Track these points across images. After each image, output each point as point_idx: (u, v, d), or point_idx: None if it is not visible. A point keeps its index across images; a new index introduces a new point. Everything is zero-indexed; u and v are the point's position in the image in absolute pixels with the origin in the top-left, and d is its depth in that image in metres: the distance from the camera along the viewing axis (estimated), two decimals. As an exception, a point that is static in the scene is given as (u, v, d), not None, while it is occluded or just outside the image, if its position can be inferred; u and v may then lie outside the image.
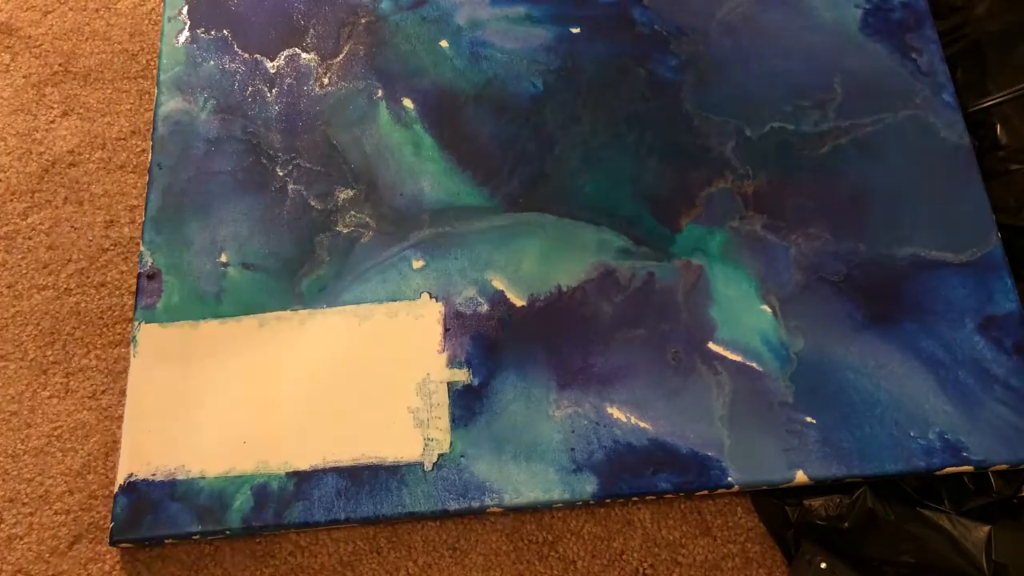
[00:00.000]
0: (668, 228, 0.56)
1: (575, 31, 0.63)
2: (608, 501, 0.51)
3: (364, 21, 0.63)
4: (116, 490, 0.51)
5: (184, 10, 0.64)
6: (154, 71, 0.64)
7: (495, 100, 0.60)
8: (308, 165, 0.59)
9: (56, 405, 0.55)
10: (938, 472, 0.50)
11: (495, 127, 0.60)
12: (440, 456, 0.51)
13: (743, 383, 0.52)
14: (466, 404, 0.52)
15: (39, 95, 0.63)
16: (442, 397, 0.52)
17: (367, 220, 0.57)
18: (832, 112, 0.59)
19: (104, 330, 0.57)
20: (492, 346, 0.53)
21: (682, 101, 0.60)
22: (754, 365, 0.52)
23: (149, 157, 0.60)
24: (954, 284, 0.54)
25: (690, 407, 0.51)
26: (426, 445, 0.51)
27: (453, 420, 0.51)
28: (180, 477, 0.50)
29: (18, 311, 0.57)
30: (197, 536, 0.50)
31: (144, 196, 0.59)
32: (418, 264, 0.56)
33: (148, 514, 0.50)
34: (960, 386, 0.52)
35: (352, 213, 0.57)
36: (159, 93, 0.61)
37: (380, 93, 0.61)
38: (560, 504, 0.50)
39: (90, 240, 0.59)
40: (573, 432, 0.51)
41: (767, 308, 0.54)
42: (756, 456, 0.50)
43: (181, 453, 0.51)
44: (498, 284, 0.55)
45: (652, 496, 0.50)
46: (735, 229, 0.56)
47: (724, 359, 0.53)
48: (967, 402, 0.51)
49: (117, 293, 0.58)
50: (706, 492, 0.50)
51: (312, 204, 0.58)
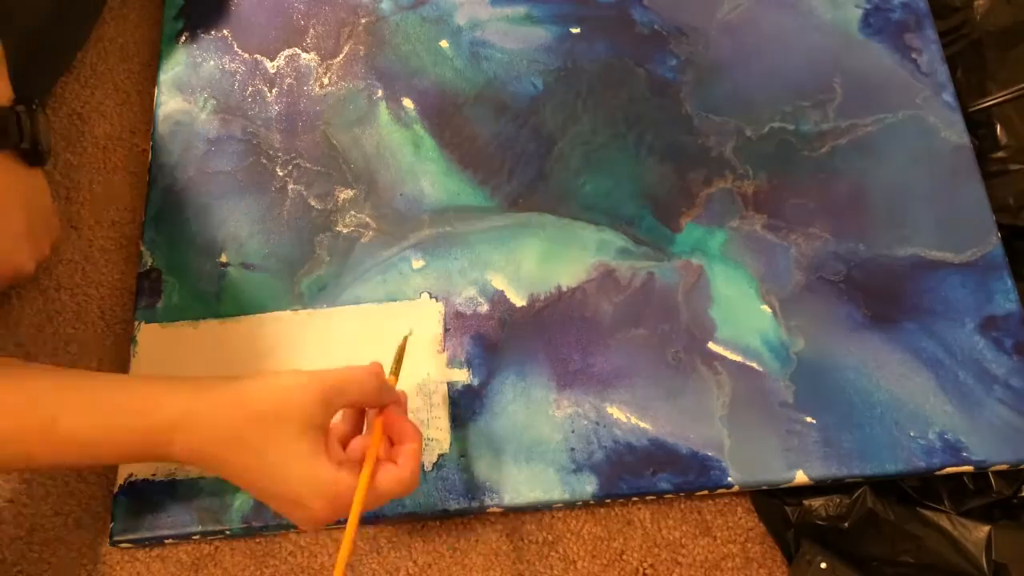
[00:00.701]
0: (668, 228, 0.56)
1: (575, 31, 0.63)
2: (608, 501, 0.51)
3: (364, 21, 0.63)
4: (116, 490, 0.51)
5: (184, 10, 0.64)
6: (154, 71, 0.64)
7: (495, 100, 0.61)
8: (308, 165, 0.59)
9: (56, 405, 0.55)
10: (938, 472, 0.50)
11: (495, 127, 0.60)
12: (440, 456, 0.51)
13: (743, 383, 0.52)
14: (466, 404, 0.52)
15: (39, 95, 0.63)
16: (442, 397, 0.52)
17: (367, 220, 0.57)
18: (832, 112, 0.59)
19: (104, 330, 0.57)
20: (492, 346, 0.53)
21: (682, 101, 0.60)
22: (754, 365, 0.52)
23: (149, 157, 0.60)
24: (954, 284, 0.54)
25: (690, 407, 0.51)
26: (426, 445, 0.51)
27: (453, 420, 0.51)
28: (180, 477, 0.50)
29: (18, 311, 0.57)
30: (197, 536, 0.50)
31: (144, 196, 0.59)
32: (418, 264, 0.56)
33: (148, 514, 0.50)
34: (960, 386, 0.52)
35: (352, 213, 0.57)
36: (159, 93, 0.61)
37: (380, 93, 0.61)
38: (560, 504, 0.50)
39: (90, 240, 0.59)
40: (573, 432, 0.51)
41: (767, 308, 0.54)
42: (756, 456, 0.50)
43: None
44: (498, 284, 0.55)
45: (652, 496, 0.50)
46: (735, 229, 0.56)
47: (724, 359, 0.53)
48: (967, 402, 0.51)
49: (117, 293, 0.58)
50: (706, 492, 0.50)
51: (312, 204, 0.58)
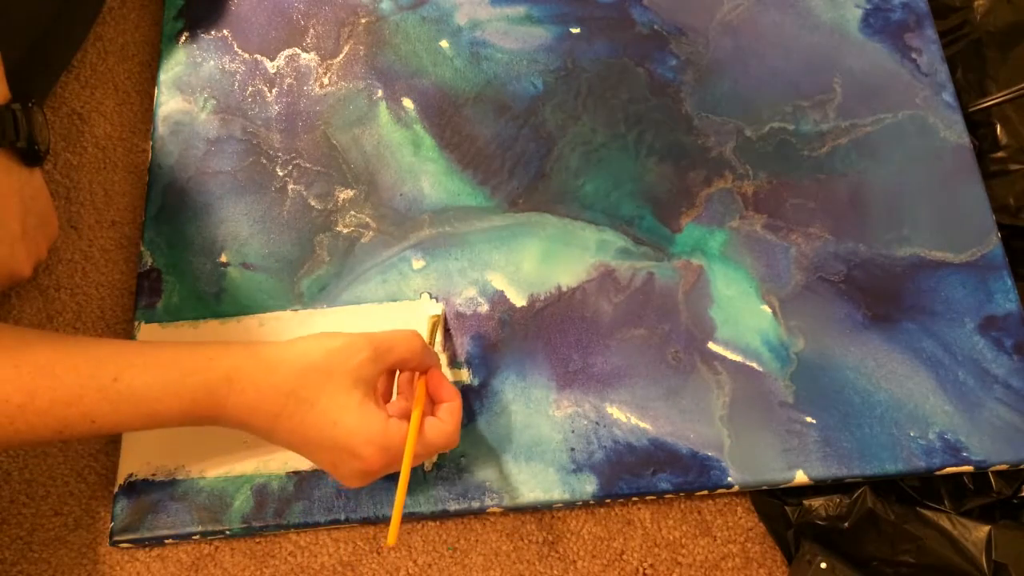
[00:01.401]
0: (668, 228, 0.56)
1: (575, 31, 0.63)
2: (608, 501, 0.51)
3: (364, 21, 0.63)
4: (116, 490, 0.51)
5: (184, 10, 0.64)
6: (154, 71, 0.64)
7: (495, 100, 0.61)
8: (308, 165, 0.59)
9: (56, 405, 0.55)
10: (938, 472, 0.50)
11: (495, 127, 0.60)
12: (440, 456, 0.51)
13: (743, 383, 0.52)
14: (466, 404, 0.52)
15: (39, 95, 0.63)
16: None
17: (367, 220, 0.57)
18: (832, 112, 0.59)
19: (104, 330, 0.57)
20: (492, 346, 0.53)
21: (682, 101, 0.60)
22: (754, 365, 0.52)
23: (149, 157, 0.60)
24: (954, 284, 0.54)
25: (690, 407, 0.51)
26: (426, 445, 0.50)
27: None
28: (180, 477, 0.50)
29: (18, 311, 0.57)
30: (197, 536, 0.50)
31: (144, 196, 0.59)
32: (418, 264, 0.56)
33: (148, 514, 0.50)
34: (960, 386, 0.52)
35: (352, 213, 0.57)
36: (159, 93, 0.61)
37: (380, 93, 0.61)
38: (560, 504, 0.50)
39: (90, 240, 0.59)
40: (573, 432, 0.51)
41: (767, 308, 0.54)
42: (756, 456, 0.50)
43: (181, 453, 0.51)
44: (498, 284, 0.55)
45: (652, 496, 0.50)
46: (735, 229, 0.56)
47: (724, 359, 0.53)
48: (967, 402, 0.51)
49: (117, 293, 0.58)
50: (706, 492, 0.50)
51: (312, 204, 0.58)
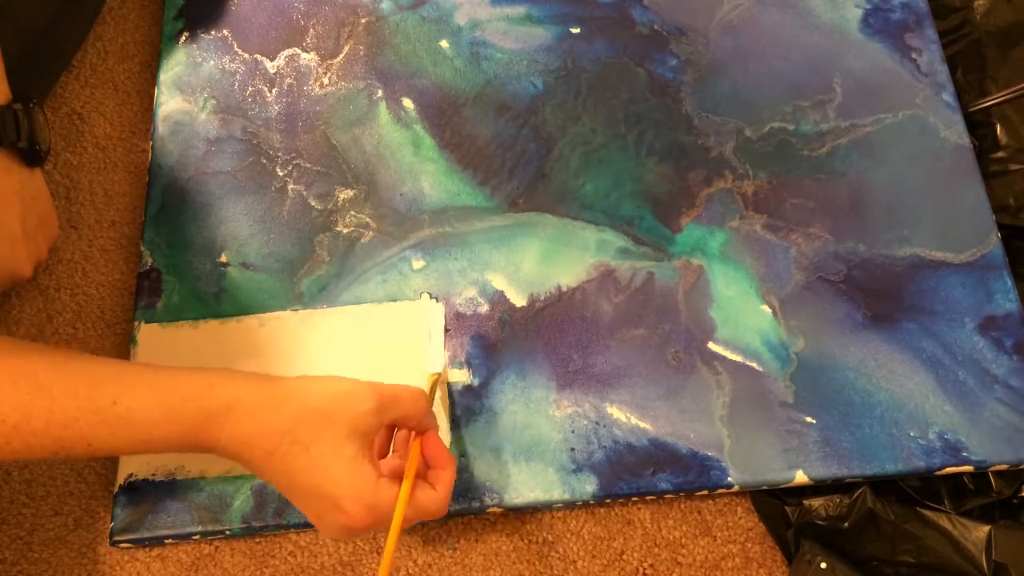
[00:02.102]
0: (668, 228, 0.56)
1: (575, 31, 0.63)
2: (608, 501, 0.51)
3: (364, 21, 0.63)
4: (116, 490, 0.51)
5: (184, 10, 0.64)
6: (154, 71, 0.64)
7: (495, 100, 0.61)
8: (308, 165, 0.59)
9: (56, 405, 0.55)
10: (938, 472, 0.50)
11: (495, 127, 0.60)
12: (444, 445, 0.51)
13: (743, 383, 0.52)
14: (466, 404, 0.52)
15: (39, 95, 0.63)
16: (442, 397, 0.52)
17: (367, 220, 0.57)
18: (832, 112, 0.59)
19: (104, 330, 0.57)
20: (492, 346, 0.53)
21: (682, 101, 0.60)
22: (754, 365, 0.52)
23: (149, 157, 0.60)
24: (954, 284, 0.54)
25: (690, 407, 0.51)
26: (426, 445, 0.51)
27: (453, 420, 0.51)
28: (180, 477, 0.50)
29: (18, 311, 0.57)
30: (197, 536, 0.50)
31: (144, 196, 0.59)
32: (418, 264, 0.56)
33: (148, 514, 0.50)
34: (960, 386, 0.52)
35: (352, 213, 0.57)
36: (159, 93, 0.61)
37: (380, 93, 0.61)
38: (560, 504, 0.50)
39: (90, 240, 0.59)
40: (573, 432, 0.51)
41: (767, 308, 0.54)
42: (756, 456, 0.50)
43: (182, 453, 0.51)
44: (498, 284, 0.55)
45: (652, 496, 0.50)
46: (735, 229, 0.56)
47: (724, 359, 0.53)
48: (967, 402, 0.51)
49: (117, 293, 0.58)
50: (706, 492, 0.50)
51: (312, 204, 0.58)
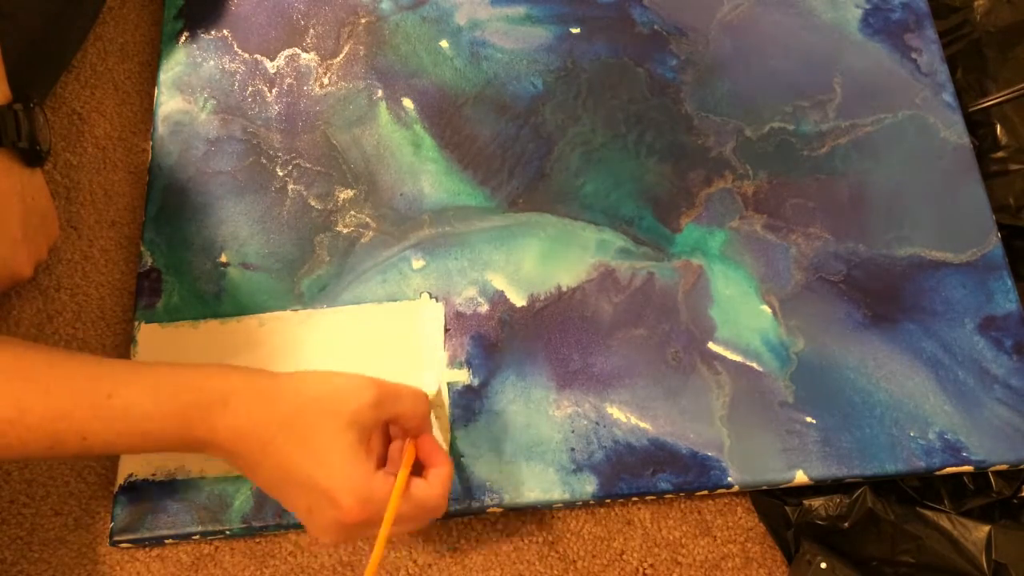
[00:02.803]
0: (668, 228, 0.56)
1: (575, 31, 0.63)
2: (608, 501, 0.51)
3: (364, 21, 0.63)
4: (116, 490, 0.51)
5: (184, 10, 0.64)
6: (154, 71, 0.64)
7: (495, 100, 0.61)
8: (308, 165, 0.59)
9: (56, 405, 0.55)
10: (938, 472, 0.50)
11: (495, 127, 0.60)
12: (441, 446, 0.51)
13: (743, 383, 0.52)
14: (466, 404, 0.52)
15: (39, 95, 0.63)
16: (442, 397, 0.52)
17: (367, 220, 0.57)
18: (832, 112, 0.59)
19: (104, 330, 0.57)
20: (492, 346, 0.53)
21: (682, 101, 0.60)
22: (754, 365, 0.52)
23: (149, 157, 0.60)
24: (954, 284, 0.54)
25: (690, 407, 0.51)
26: (426, 445, 0.51)
27: (453, 420, 0.51)
28: (180, 477, 0.50)
29: (18, 311, 0.57)
30: (197, 536, 0.50)
31: (144, 196, 0.59)
32: (418, 264, 0.56)
33: (148, 514, 0.50)
34: (960, 386, 0.52)
35: (352, 213, 0.57)
36: (159, 93, 0.61)
37: (380, 93, 0.61)
38: (560, 504, 0.50)
39: (90, 240, 0.59)
40: (573, 432, 0.51)
41: (767, 308, 0.54)
42: (756, 456, 0.50)
43: (181, 453, 0.51)
44: (498, 284, 0.55)
45: (652, 496, 0.50)
46: (735, 229, 0.56)
47: (724, 359, 0.53)
48: (967, 402, 0.51)
49: (117, 293, 0.58)
50: (706, 492, 0.50)
51: (312, 204, 0.58)
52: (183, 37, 0.63)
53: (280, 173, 0.59)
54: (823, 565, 0.49)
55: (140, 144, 0.62)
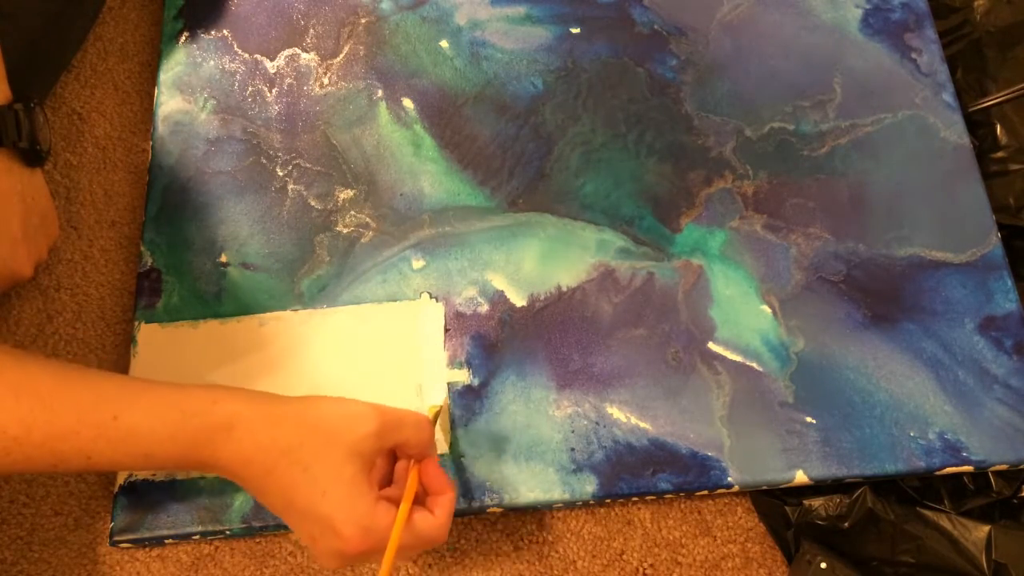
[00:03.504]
0: (668, 228, 0.56)
1: (575, 31, 0.63)
2: (608, 501, 0.51)
3: (364, 21, 0.63)
4: (116, 490, 0.51)
5: (184, 10, 0.64)
6: (154, 71, 0.64)
7: (495, 100, 0.61)
8: (308, 165, 0.59)
9: (56, 405, 0.55)
10: (938, 472, 0.50)
11: (495, 127, 0.60)
12: (440, 456, 0.51)
13: (743, 383, 0.52)
14: (466, 404, 0.52)
15: (39, 95, 0.63)
16: (442, 397, 0.52)
17: (367, 220, 0.57)
18: (832, 112, 0.59)
19: (104, 330, 0.57)
20: (492, 346, 0.53)
21: (682, 101, 0.60)
22: (754, 365, 0.52)
23: (149, 157, 0.60)
24: (954, 284, 0.54)
25: (690, 407, 0.51)
26: (426, 445, 0.51)
27: (453, 420, 0.51)
28: (180, 477, 0.50)
29: (18, 311, 0.57)
30: (197, 536, 0.50)
31: (144, 196, 0.59)
32: (418, 264, 0.56)
33: (148, 514, 0.50)
34: (960, 386, 0.52)
35: (352, 213, 0.57)
36: (159, 93, 0.61)
37: (380, 93, 0.61)
38: (560, 504, 0.50)
39: (90, 240, 0.59)
40: (573, 432, 0.51)
41: (767, 308, 0.54)
42: (756, 456, 0.50)
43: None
44: (498, 284, 0.55)
45: (652, 496, 0.50)
46: (735, 229, 0.56)
47: (724, 359, 0.53)
48: (967, 402, 0.51)
49: (117, 293, 0.58)
50: (706, 492, 0.50)
51: (312, 204, 0.58)
52: (183, 37, 0.63)
53: (280, 173, 0.59)
54: (823, 565, 0.49)
55: (140, 144, 0.62)
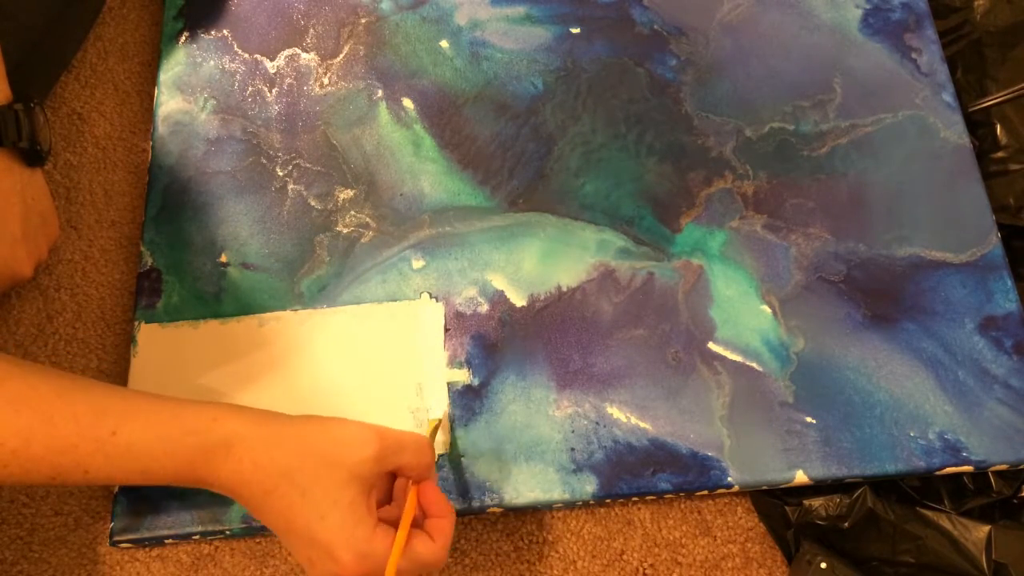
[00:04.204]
0: (668, 228, 0.56)
1: (575, 31, 0.63)
2: (608, 501, 0.51)
3: (364, 21, 0.63)
4: (116, 490, 0.51)
5: (184, 10, 0.64)
6: (154, 71, 0.64)
7: (495, 100, 0.61)
8: (308, 165, 0.59)
9: (56, 405, 0.55)
10: (938, 472, 0.50)
11: (495, 127, 0.60)
12: (440, 456, 0.51)
13: (743, 383, 0.52)
14: (466, 404, 0.52)
15: (39, 95, 0.63)
16: (442, 397, 0.52)
17: (367, 220, 0.57)
18: (832, 112, 0.59)
19: (104, 330, 0.57)
20: (492, 346, 0.53)
21: (682, 101, 0.60)
22: (754, 365, 0.52)
23: (149, 157, 0.60)
24: (954, 284, 0.54)
25: (690, 407, 0.51)
26: (426, 445, 0.51)
27: (453, 420, 0.51)
28: (180, 477, 0.50)
29: (18, 311, 0.57)
30: (197, 536, 0.50)
31: (144, 196, 0.59)
32: (418, 264, 0.56)
33: (148, 514, 0.50)
34: (960, 386, 0.52)
35: (352, 213, 0.57)
36: (159, 93, 0.61)
37: (380, 93, 0.61)
38: (560, 504, 0.50)
39: (90, 240, 0.59)
40: (573, 432, 0.51)
41: (767, 308, 0.54)
42: (756, 456, 0.50)
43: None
44: (498, 284, 0.55)
45: (652, 496, 0.50)
46: (735, 229, 0.56)
47: (724, 359, 0.53)
48: (967, 402, 0.51)
49: (117, 293, 0.58)
50: (706, 492, 0.50)
51: (312, 204, 0.58)
52: (183, 37, 0.63)
53: (280, 173, 0.59)
54: (823, 565, 0.49)
55: (140, 144, 0.62)
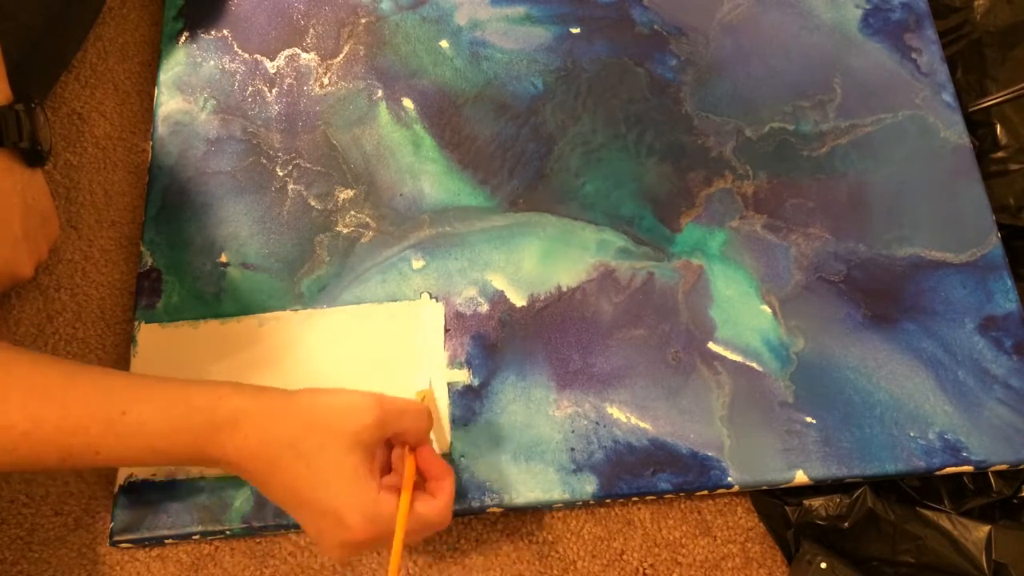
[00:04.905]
0: (668, 228, 0.56)
1: (575, 31, 0.63)
2: (608, 501, 0.51)
3: (364, 21, 0.63)
4: (116, 490, 0.51)
5: (184, 10, 0.64)
6: (154, 71, 0.64)
7: (495, 100, 0.61)
8: (308, 165, 0.59)
9: (56, 405, 0.55)
10: (938, 472, 0.50)
11: (495, 127, 0.60)
12: (441, 456, 0.51)
13: (743, 383, 0.52)
14: (466, 404, 0.52)
15: (39, 95, 0.63)
16: (442, 397, 0.52)
17: (367, 220, 0.57)
18: (832, 112, 0.59)
19: (104, 330, 0.57)
20: (492, 346, 0.53)
21: (682, 101, 0.60)
22: (754, 365, 0.52)
23: (149, 157, 0.60)
24: (954, 284, 0.54)
25: (690, 407, 0.51)
26: (426, 445, 0.51)
27: (453, 420, 0.51)
28: (180, 477, 0.50)
29: (18, 311, 0.57)
30: (197, 536, 0.50)
31: (144, 196, 0.59)
32: (418, 264, 0.56)
33: (148, 514, 0.50)
34: (960, 386, 0.52)
35: (352, 213, 0.57)
36: (159, 93, 0.61)
37: (380, 93, 0.61)
38: (560, 504, 0.50)
39: (90, 240, 0.59)
40: (573, 432, 0.51)
41: (767, 308, 0.54)
42: (756, 456, 0.50)
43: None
44: (498, 284, 0.55)
45: (652, 496, 0.50)
46: (735, 229, 0.56)
47: (724, 359, 0.53)
48: (967, 402, 0.51)
49: (117, 293, 0.58)
50: (706, 492, 0.50)
51: (312, 204, 0.58)
52: (183, 37, 0.63)
53: (280, 173, 0.59)
54: (823, 565, 0.49)
55: (140, 144, 0.62)
